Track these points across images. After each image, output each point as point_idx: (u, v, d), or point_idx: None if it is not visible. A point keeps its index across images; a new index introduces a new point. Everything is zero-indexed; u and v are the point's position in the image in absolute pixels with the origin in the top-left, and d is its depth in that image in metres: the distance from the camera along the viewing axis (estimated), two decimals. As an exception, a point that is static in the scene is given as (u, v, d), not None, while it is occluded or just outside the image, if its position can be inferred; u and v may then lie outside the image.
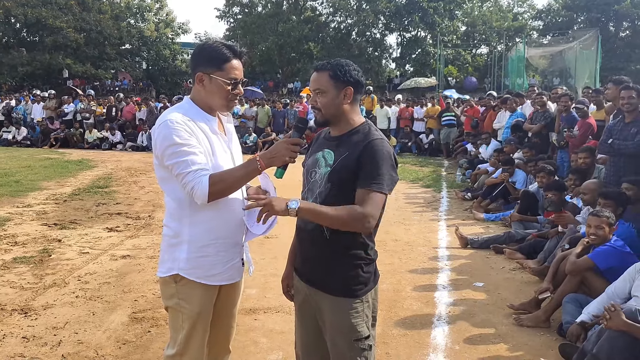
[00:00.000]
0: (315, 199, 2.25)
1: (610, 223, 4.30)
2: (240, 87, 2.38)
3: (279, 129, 17.89)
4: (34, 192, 9.54)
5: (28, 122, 19.61)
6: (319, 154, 2.32)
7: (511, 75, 28.43)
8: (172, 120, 2.26)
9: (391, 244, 6.44)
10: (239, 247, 2.47)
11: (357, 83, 2.25)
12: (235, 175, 2.26)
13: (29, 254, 5.81)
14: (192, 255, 2.35)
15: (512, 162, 8.53)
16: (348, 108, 2.27)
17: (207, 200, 2.22)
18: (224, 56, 2.33)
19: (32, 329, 3.94)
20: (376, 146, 2.17)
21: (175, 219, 2.38)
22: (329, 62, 2.27)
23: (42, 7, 34.77)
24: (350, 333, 2.24)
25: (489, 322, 4.23)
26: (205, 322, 2.42)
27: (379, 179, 2.13)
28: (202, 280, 2.36)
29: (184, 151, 2.22)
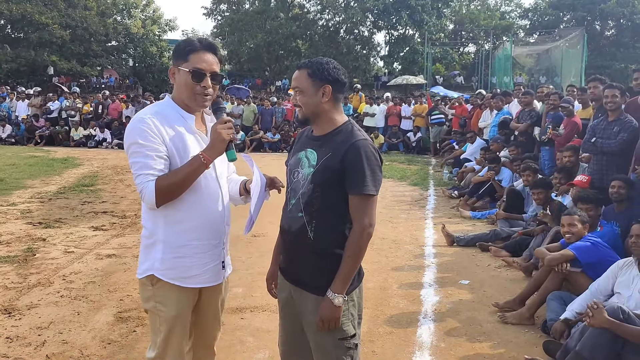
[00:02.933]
0: (298, 200, 2.28)
1: (582, 220, 4.40)
2: (208, 80, 2.27)
3: (267, 126, 17.85)
4: (19, 190, 9.45)
5: (12, 119, 19.37)
6: (302, 154, 2.33)
7: (498, 74, 28.64)
8: (140, 119, 2.24)
9: (378, 242, 6.45)
10: (218, 249, 2.40)
11: (336, 81, 2.27)
12: (180, 175, 2.20)
13: (13, 253, 5.75)
14: (168, 256, 2.30)
15: (498, 161, 8.59)
16: (328, 107, 2.28)
17: (155, 205, 2.20)
18: (190, 46, 2.28)
19: (15, 329, 3.91)
20: (360, 147, 2.19)
21: (150, 219, 2.34)
22: (309, 61, 2.30)
23: (27, 3, 34.31)
24: (335, 332, 2.24)
25: (474, 319, 4.26)
26: (183, 325, 2.37)
27: (368, 181, 2.19)
28: (177, 282, 2.30)
29: (141, 152, 2.19)
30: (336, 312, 2.20)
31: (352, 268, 2.22)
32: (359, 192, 2.19)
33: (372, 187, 2.19)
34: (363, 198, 2.20)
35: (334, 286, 2.20)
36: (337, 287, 2.20)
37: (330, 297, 2.19)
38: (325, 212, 2.24)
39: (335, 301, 2.19)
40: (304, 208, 2.26)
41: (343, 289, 2.20)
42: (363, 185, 2.18)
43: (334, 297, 2.19)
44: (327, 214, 2.24)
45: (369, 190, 2.18)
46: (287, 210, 2.35)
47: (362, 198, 2.20)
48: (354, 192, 2.19)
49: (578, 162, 6.47)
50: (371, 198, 2.21)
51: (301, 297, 2.32)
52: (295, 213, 2.30)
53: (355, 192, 2.19)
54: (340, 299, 2.19)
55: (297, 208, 2.29)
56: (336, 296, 2.19)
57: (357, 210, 2.21)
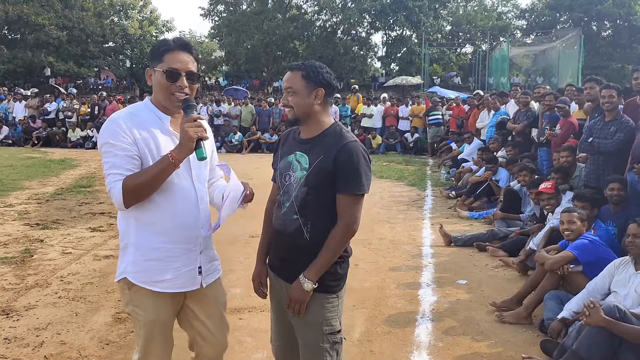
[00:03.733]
0: (292, 202, 2.33)
1: (582, 218, 4.42)
2: (183, 80, 2.23)
3: (265, 127, 17.85)
4: (16, 191, 9.43)
5: (10, 120, 19.34)
6: (291, 157, 2.37)
7: (495, 75, 28.69)
8: (113, 119, 2.24)
9: (376, 243, 6.47)
10: (193, 254, 2.34)
11: (328, 85, 2.33)
12: (148, 175, 2.15)
13: (11, 254, 5.75)
14: (139, 259, 2.26)
15: (496, 161, 8.61)
16: (319, 109, 2.34)
17: (123, 205, 2.17)
18: (165, 46, 2.26)
19: (14, 330, 3.90)
20: (351, 149, 2.26)
21: (123, 220, 2.32)
22: (302, 63, 2.35)
23: (23, 4, 34.27)
24: (325, 327, 2.33)
25: (471, 319, 4.27)
26: (163, 330, 2.34)
27: (359, 181, 2.26)
28: (149, 286, 2.26)
29: (111, 152, 2.17)
30: (304, 295, 2.28)
31: (329, 260, 2.29)
32: (353, 192, 2.26)
33: (365, 187, 2.28)
34: (355, 197, 2.28)
35: (308, 273, 2.27)
36: (310, 274, 2.27)
37: (301, 281, 2.27)
38: (320, 212, 2.29)
39: (304, 286, 2.27)
40: (299, 210, 2.31)
41: (315, 277, 2.28)
42: (358, 185, 2.25)
43: (305, 282, 2.27)
44: (322, 214, 2.29)
45: (362, 190, 2.27)
46: (282, 213, 2.38)
47: (353, 197, 2.27)
48: (348, 192, 2.26)
49: (575, 162, 6.49)
50: (361, 198, 2.30)
51: None
52: (290, 215, 2.34)
53: (350, 192, 2.26)
54: (310, 285, 2.27)
55: (292, 210, 2.33)
56: (307, 281, 2.27)
57: (345, 207, 2.28)
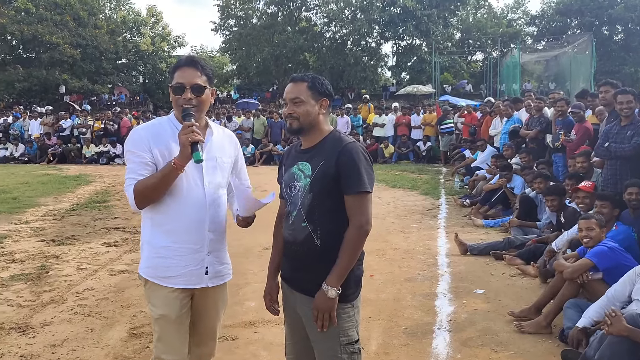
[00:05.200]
0: (299, 211, 2.35)
1: (600, 224, 4.35)
2: (188, 92, 2.40)
3: (277, 139, 17.88)
4: (32, 208, 9.52)
5: (25, 138, 19.60)
6: (294, 168, 2.42)
7: (506, 81, 28.57)
8: (135, 129, 2.52)
9: (390, 253, 6.42)
10: (200, 254, 2.48)
11: (330, 96, 2.42)
12: (154, 179, 2.35)
13: (27, 271, 5.78)
14: (151, 255, 2.48)
15: (510, 168, 8.53)
16: (322, 118, 2.41)
17: (136, 207, 2.40)
18: (176, 65, 2.48)
19: (30, 347, 3.91)
20: (351, 150, 2.30)
21: (142, 221, 2.55)
22: (305, 75, 2.41)
23: (38, 24, 34.83)
24: (342, 337, 2.32)
25: (490, 329, 4.21)
26: (173, 326, 2.45)
27: (362, 180, 2.28)
28: (157, 280, 2.45)
29: (130, 159, 2.42)
30: (330, 303, 2.26)
31: (349, 264, 2.29)
32: (356, 191, 2.27)
33: (368, 185, 2.29)
34: (359, 196, 2.28)
35: (329, 279, 2.26)
36: (332, 280, 2.26)
37: (324, 290, 2.26)
38: (328, 217, 2.31)
39: (329, 293, 2.25)
40: (307, 217, 2.33)
41: (337, 283, 2.26)
42: (360, 183, 2.27)
43: (328, 289, 2.25)
44: (330, 219, 2.31)
45: (365, 188, 2.28)
46: (290, 223, 2.41)
47: (358, 197, 2.28)
48: (351, 192, 2.28)
49: (591, 167, 6.41)
50: (367, 196, 2.30)
51: (308, 304, 2.35)
52: (298, 224, 2.35)
53: (353, 191, 2.28)
54: (334, 292, 2.25)
55: (300, 219, 2.35)
56: (330, 288, 2.25)
57: (354, 208, 2.29)
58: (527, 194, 7.37)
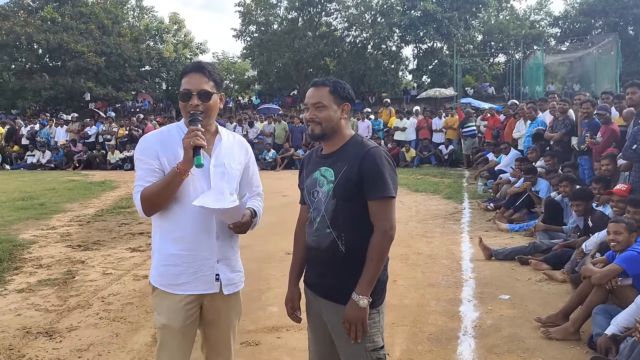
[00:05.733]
0: (323, 217, 2.33)
1: (630, 229, 4.24)
2: (194, 99, 2.38)
3: (298, 144, 17.95)
4: (58, 214, 9.68)
5: (52, 145, 19.99)
6: (317, 174, 2.39)
7: (530, 83, 28.25)
8: (144, 137, 2.52)
9: (413, 258, 6.36)
10: (210, 261, 2.44)
11: (352, 100, 2.40)
12: (159, 185, 2.33)
13: (54, 276, 5.87)
14: (160, 263, 2.45)
15: (535, 171, 8.40)
16: (344, 123, 2.39)
17: (144, 213, 2.38)
18: (183, 71, 2.47)
19: (57, 352, 3.96)
20: (374, 154, 2.29)
21: (153, 229, 2.53)
22: (326, 79, 2.40)
23: (63, 33, 35.56)
24: (367, 343, 2.29)
25: (516, 335, 4.13)
26: (176, 336, 2.41)
27: (386, 185, 2.26)
28: (166, 288, 2.42)
29: (139, 166, 2.41)
30: (362, 313, 2.24)
31: (376, 271, 2.26)
32: (380, 196, 2.25)
33: (392, 190, 2.27)
34: (384, 202, 2.27)
35: (359, 288, 2.24)
36: (361, 289, 2.24)
37: (355, 300, 2.23)
38: (352, 223, 2.29)
39: (360, 303, 2.23)
40: (331, 223, 2.31)
41: (367, 291, 2.24)
42: (384, 188, 2.25)
43: (359, 299, 2.23)
44: (354, 224, 2.29)
45: (389, 193, 2.26)
46: (314, 229, 2.38)
47: (382, 202, 2.27)
48: (375, 197, 2.26)
49: (617, 170, 6.29)
50: (391, 201, 2.28)
51: (333, 310, 2.34)
52: (322, 230, 2.34)
53: (377, 196, 2.26)
54: (365, 301, 2.23)
55: (324, 225, 2.33)
56: (361, 298, 2.23)
57: (378, 214, 2.27)
58: (552, 197, 7.25)
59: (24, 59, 38.12)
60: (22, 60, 38.40)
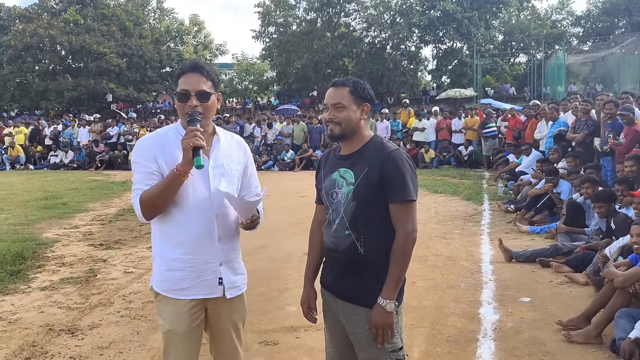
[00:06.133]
0: (342, 218, 2.32)
1: None
2: (193, 99, 2.33)
3: (316, 144, 17.96)
4: (81, 213, 9.82)
5: (74, 145, 20.30)
6: (335, 175, 2.38)
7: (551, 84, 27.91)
8: (140, 139, 2.48)
9: (432, 259, 6.33)
10: (212, 265, 2.40)
11: (372, 101, 2.39)
12: (159, 187, 2.28)
13: (76, 274, 5.96)
14: (162, 268, 2.42)
15: (556, 172, 8.30)
16: (363, 124, 2.37)
17: (143, 217, 2.33)
18: (180, 72, 2.41)
19: (79, 349, 4.02)
20: (395, 157, 2.27)
21: (152, 233, 2.49)
22: (347, 79, 2.38)
23: (86, 34, 36.03)
24: (387, 344, 2.28)
25: (537, 338, 4.09)
26: (180, 341, 2.38)
27: (407, 188, 2.26)
28: (169, 293, 2.39)
29: (136, 170, 2.37)
30: (389, 318, 2.23)
31: (401, 274, 2.26)
32: (401, 199, 2.25)
33: (413, 193, 2.27)
34: (405, 205, 2.26)
35: (385, 293, 2.23)
36: (387, 293, 2.23)
37: (382, 304, 2.23)
38: (371, 225, 2.28)
39: (387, 307, 2.22)
40: (350, 225, 2.30)
41: (393, 295, 2.24)
42: (405, 191, 2.25)
43: (386, 303, 2.23)
44: (373, 227, 2.28)
45: (411, 196, 2.26)
46: (333, 230, 2.37)
47: (403, 205, 2.26)
48: (396, 200, 2.25)
49: (641, 172, 6.18)
50: (412, 204, 2.28)
51: (352, 312, 2.34)
52: (341, 232, 2.33)
53: (398, 199, 2.25)
54: (392, 305, 2.23)
55: (343, 226, 2.32)
56: (388, 302, 2.23)
57: (399, 217, 2.26)
58: (574, 199, 7.16)
59: (48, 60, 38.69)
60: (46, 62, 38.98)
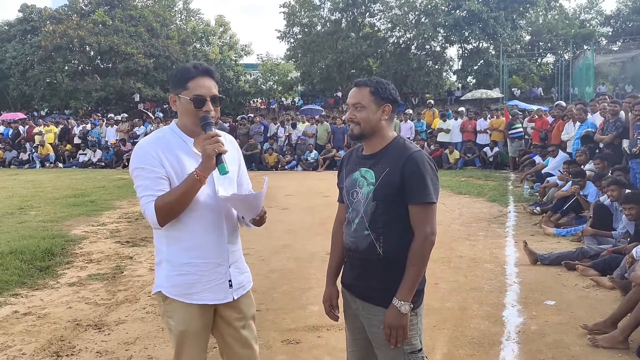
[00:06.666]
0: (362, 218, 2.33)
1: None
2: (209, 104, 2.31)
3: (339, 144, 17.97)
4: (108, 211, 10.00)
5: (102, 144, 20.67)
6: (357, 174, 2.38)
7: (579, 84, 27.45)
8: (140, 144, 2.38)
9: (456, 261, 6.29)
10: (222, 268, 2.40)
11: (394, 101, 2.36)
12: (177, 193, 2.25)
13: (103, 270, 6.08)
14: (172, 273, 2.37)
15: (583, 174, 8.17)
16: (384, 124, 2.36)
17: (158, 224, 2.27)
18: (188, 74, 2.33)
19: (105, 344, 4.10)
20: (417, 159, 2.26)
21: (157, 238, 2.44)
22: (369, 79, 2.38)
23: (114, 35, 36.62)
24: (405, 346, 2.28)
25: (561, 342, 4.04)
26: (194, 342, 2.39)
27: (427, 190, 2.24)
28: (181, 298, 2.36)
29: (142, 176, 2.29)
30: (403, 319, 2.23)
31: (417, 276, 2.25)
32: (421, 201, 2.24)
33: (434, 195, 2.25)
34: (425, 207, 2.25)
35: (400, 294, 2.23)
36: (403, 294, 2.23)
37: (397, 305, 2.23)
38: (391, 226, 2.28)
39: (401, 309, 2.22)
40: (370, 225, 2.31)
41: (409, 297, 2.23)
42: (426, 194, 2.24)
43: (401, 304, 2.22)
44: (393, 228, 2.28)
45: (431, 199, 2.24)
46: (352, 230, 2.38)
47: (423, 207, 2.25)
48: (416, 202, 2.25)
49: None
50: (432, 206, 2.26)
51: (371, 312, 2.35)
52: (361, 232, 2.34)
53: (417, 201, 2.24)
54: (407, 307, 2.22)
55: (362, 226, 2.33)
56: (403, 304, 2.22)
57: (418, 219, 2.26)
58: (601, 201, 7.04)
59: (77, 61, 39.44)
60: (75, 62, 39.75)
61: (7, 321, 4.57)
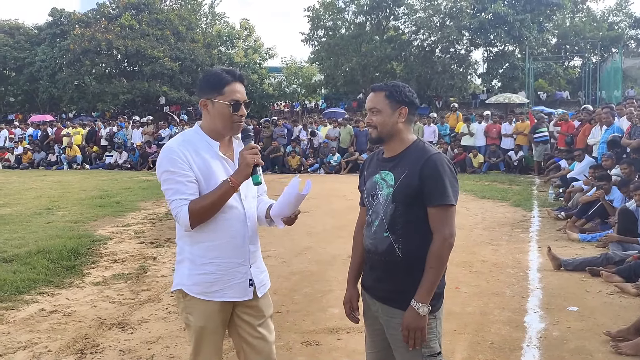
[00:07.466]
0: (382, 220, 2.35)
1: None
2: (243, 108, 2.42)
3: (362, 148, 17.95)
4: (133, 212, 10.16)
5: (128, 146, 21.01)
6: (377, 177, 2.42)
7: (607, 88, 26.99)
8: (169, 148, 2.41)
9: (478, 265, 6.25)
10: (244, 267, 2.47)
11: (411, 104, 2.39)
12: (211, 198, 2.33)
13: (127, 270, 6.19)
14: (193, 272, 2.43)
15: (609, 179, 8.04)
16: (402, 127, 2.39)
17: (190, 227, 2.34)
18: (224, 80, 2.41)
19: (128, 343, 4.18)
20: (436, 161, 2.28)
21: (180, 237, 2.51)
22: (385, 84, 2.42)
23: (140, 39, 37.13)
24: (424, 349, 2.29)
25: (584, 349, 3.99)
26: (212, 338, 2.46)
27: (446, 192, 2.25)
28: (202, 296, 2.42)
29: (173, 179, 2.36)
30: (421, 321, 2.24)
31: (436, 279, 2.26)
32: (440, 203, 2.25)
33: (452, 197, 2.26)
34: (443, 209, 2.26)
35: (418, 296, 2.24)
36: (421, 296, 2.24)
37: (415, 307, 2.24)
38: (410, 228, 2.30)
39: (420, 310, 2.23)
40: (389, 227, 2.33)
41: (427, 299, 2.24)
42: (444, 195, 2.25)
43: (419, 306, 2.23)
44: (412, 230, 2.30)
45: (450, 200, 2.25)
46: (372, 232, 2.41)
47: (442, 209, 2.26)
48: (435, 204, 2.26)
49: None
50: (451, 208, 2.27)
51: (390, 314, 2.36)
52: (380, 234, 2.36)
53: (436, 203, 2.26)
54: (425, 309, 2.23)
55: (382, 228, 2.35)
56: (421, 305, 2.23)
57: (437, 221, 2.27)
58: (627, 207, 6.92)
59: (104, 64, 40.06)
60: (102, 65, 40.38)
61: (33, 319, 4.69)
